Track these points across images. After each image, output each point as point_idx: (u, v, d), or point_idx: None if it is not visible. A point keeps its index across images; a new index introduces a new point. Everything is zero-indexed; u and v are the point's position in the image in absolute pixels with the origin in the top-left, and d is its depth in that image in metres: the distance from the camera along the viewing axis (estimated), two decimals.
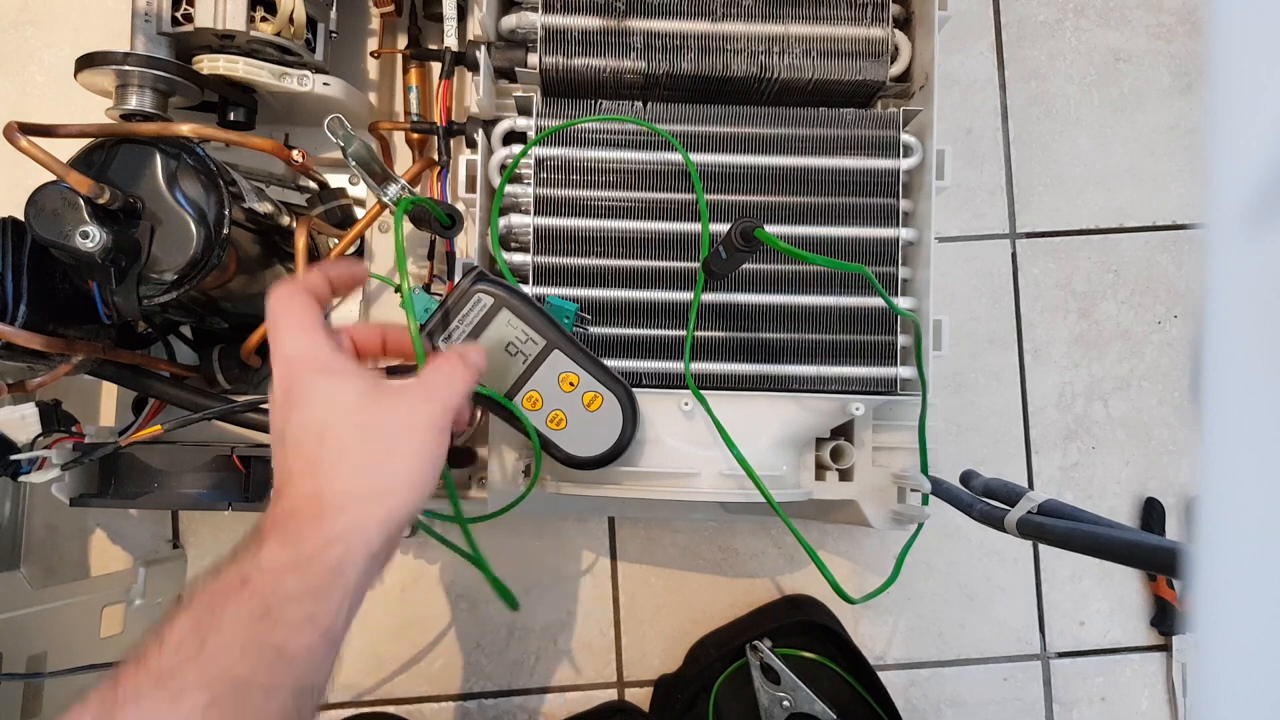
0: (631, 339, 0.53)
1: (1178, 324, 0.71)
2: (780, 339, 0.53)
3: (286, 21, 0.54)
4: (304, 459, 0.34)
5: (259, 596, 0.31)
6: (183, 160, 0.48)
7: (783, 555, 0.69)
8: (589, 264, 0.52)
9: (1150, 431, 0.71)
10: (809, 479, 0.55)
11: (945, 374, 0.70)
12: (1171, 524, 0.70)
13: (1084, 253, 0.72)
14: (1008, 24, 0.73)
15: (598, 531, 0.69)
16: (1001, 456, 0.70)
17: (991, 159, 0.72)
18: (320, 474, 0.34)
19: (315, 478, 0.34)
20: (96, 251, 0.44)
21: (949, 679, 0.69)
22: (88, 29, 0.69)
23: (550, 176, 0.53)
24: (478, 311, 0.47)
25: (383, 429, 0.35)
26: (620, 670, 0.68)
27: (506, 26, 0.54)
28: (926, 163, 0.53)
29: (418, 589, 0.68)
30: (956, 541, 0.69)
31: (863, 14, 0.53)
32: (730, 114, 0.53)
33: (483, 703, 0.68)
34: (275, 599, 0.31)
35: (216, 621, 0.30)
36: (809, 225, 0.53)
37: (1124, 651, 0.70)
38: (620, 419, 0.48)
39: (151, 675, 0.29)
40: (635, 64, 0.53)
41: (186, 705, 0.28)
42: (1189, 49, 0.73)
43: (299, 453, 0.34)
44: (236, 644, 0.30)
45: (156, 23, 0.53)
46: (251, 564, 0.32)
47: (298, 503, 0.33)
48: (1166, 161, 0.72)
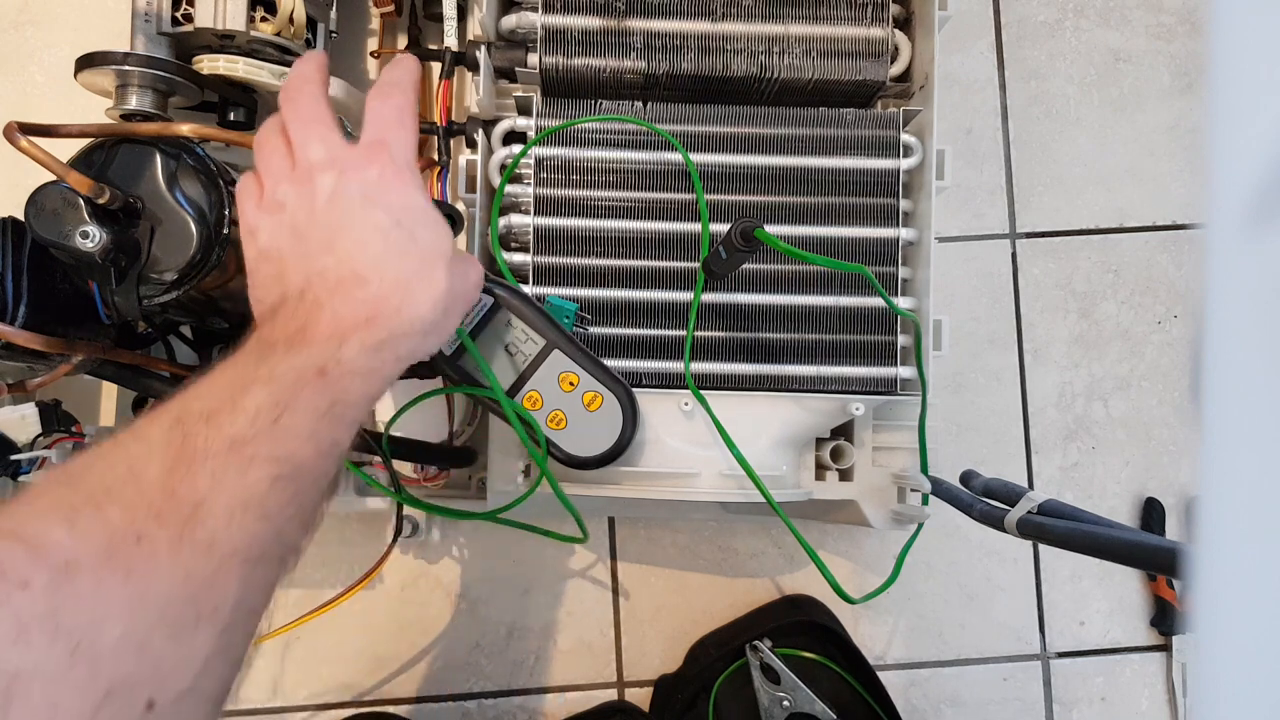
0: (631, 339, 0.53)
1: (1178, 324, 0.71)
2: (780, 339, 0.53)
3: (286, 21, 0.54)
4: (363, 262, 0.35)
5: (331, 391, 0.33)
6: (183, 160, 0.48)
7: (783, 555, 0.69)
8: (589, 264, 0.52)
9: (1150, 431, 0.71)
10: (809, 479, 0.55)
11: (945, 374, 0.70)
12: (1171, 524, 0.69)
13: (1084, 253, 0.72)
14: (1008, 24, 0.73)
15: (598, 531, 0.69)
16: (1001, 456, 0.70)
17: (991, 159, 0.72)
18: (374, 282, 0.35)
19: (371, 285, 0.35)
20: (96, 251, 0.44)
21: (949, 679, 0.69)
22: (88, 29, 0.69)
23: (550, 176, 0.53)
24: (478, 311, 0.47)
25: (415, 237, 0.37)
26: (620, 670, 0.68)
27: (506, 26, 0.54)
28: (926, 163, 0.53)
29: (418, 589, 0.68)
30: (956, 541, 0.69)
31: (863, 14, 0.53)
32: (730, 114, 0.53)
33: (483, 703, 0.68)
34: (342, 398, 0.33)
35: (292, 403, 0.31)
36: (809, 225, 0.53)
37: (1124, 651, 0.70)
38: (620, 419, 0.48)
39: (224, 437, 0.30)
40: (635, 64, 0.53)
41: (254, 475, 0.30)
42: (1189, 49, 0.73)
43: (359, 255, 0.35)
44: (305, 430, 0.31)
45: (156, 23, 0.53)
46: (332, 358, 0.33)
47: (364, 310, 0.34)
48: (1166, 161, 0.72)
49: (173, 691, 0.27)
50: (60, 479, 0.29)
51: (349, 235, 0.36)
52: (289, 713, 0.67)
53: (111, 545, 0.27)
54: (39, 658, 0.24)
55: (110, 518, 0.27)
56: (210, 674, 0.28)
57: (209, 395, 0.31)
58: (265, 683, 0.67)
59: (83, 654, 0.24)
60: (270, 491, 0.30)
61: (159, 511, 0.28)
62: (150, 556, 0.27)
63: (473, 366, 0.47)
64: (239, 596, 0.29)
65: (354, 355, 0.33)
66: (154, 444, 0.29)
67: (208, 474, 0.29)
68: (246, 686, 0.67)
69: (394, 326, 0.35)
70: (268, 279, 0.37)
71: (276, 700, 0.67)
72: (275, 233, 0.37)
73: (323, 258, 0.35)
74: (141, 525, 0.27)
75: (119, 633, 0.26)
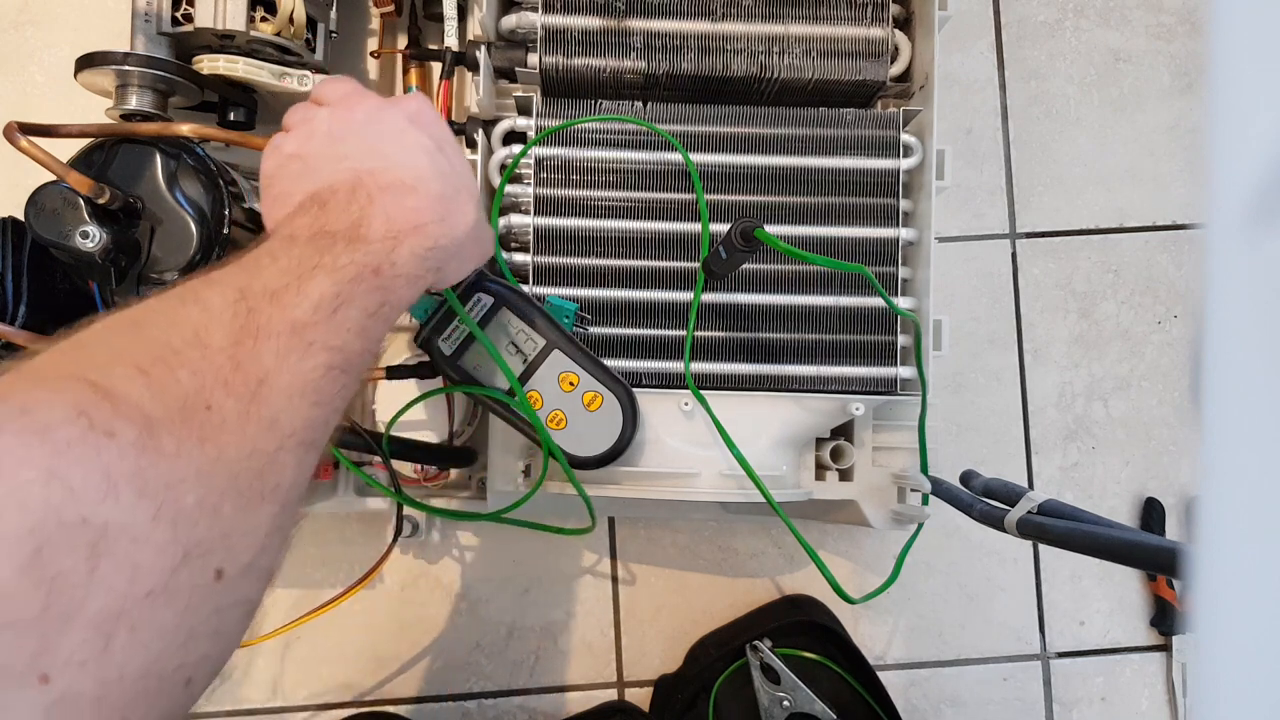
0: (631, 339, 0.53)
1: (1178, 324, 0.71)
2: (780, 339, 0.53)
3: (286, 21, 0.54)
4: (410, 173, 0.36)
5: (382, 292, 0.34)
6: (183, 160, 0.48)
7: (783, 555, 0.69)
8: (589, 264, 0.52)
9: (1150, 431, 0.71)
10: (809, 479, 0.55)
11: (945, 374, 0.70)
12: (1171, 524, 0.70)
13: (1084, 253, 0.72)
14: (1008, 24, 0.73)
15: (598, 531, 0.69)
16: (1001, 456, 0.70)
17: (991, 159, 0.72)
18: (421, 193, 0.36)
19: (419, 194, 0.36)
20: (96, 251, 0.44)
21: (949, 679, 0.69)
22: (88, 29, 0.69)
23: (550, 176, 0.53)
24: (478, 311, 0.47)
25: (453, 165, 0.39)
26: (620, 670, 0.68)
27: (506, 26, 0.54)
28: (926, 163, 0.53)
29: (418, 589, 0.68)
30: (956, 541, 0.69)
31: (863, 14, 0.53)
32: (730, 114, 0.53)
33: (483, 703, 0.68)
34: (389, 299, 0.34)
35: (350, 297, 0.32)
36: (809, 225, 0.53)
37: (1124, 651, 0.70)
38: (620, 419, 0.48)
39: (287, 319, 0.30)
40: (635, 64, 0.53)
41: (312, 362, 0.30)
42: (1189, 49, 0.73)
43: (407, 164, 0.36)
44: (358, 325, 0.32)
45: (156, 23, 0.53)
46: (386, 259, 0.34)
47: (413, 217, 0.35)
48: (1166, 161, 0.72)
49: (238, 564, 0.27)
50: (121, 328, 0.28)
51: (394, 146, 0.37)
52: (289, 713, 0.67)
53: (185, 408, 0.26)
54: (126, 516, 0.23)
55: (181, 380, 0.26)
56: (267, 552, 0.29)
57: (271, 275, 0.31)
58: (265, 683, 0.67)
59: (164, 515, 0.24)
60: (324, 379, 0.31)
61: (226, 381, 0.27)
62: (219, 426, 0.27)
63: (473, 366, 0.47)
64: (294, 479, 0.30)
65: (405, 259, 0.34)
66: (216, 312, 0.29)
67: (271, 353, 0.29)
68: (246, 686, 0.67)
69: (438, 238, 0.36)
70: (294, 175, 0.37)
71: (276, 700, 0.67)
72: (306, 140, 0.37)
73: (368, 160, 0.36)
74: (210, 393, 0.27)
75: (195, 499, 0.25)
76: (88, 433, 0.23)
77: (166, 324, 0.28)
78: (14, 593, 0.21)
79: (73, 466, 0.22)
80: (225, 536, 0.26)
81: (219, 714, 0.67)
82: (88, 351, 0.27)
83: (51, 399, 0.23)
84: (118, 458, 0.23)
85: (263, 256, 0.32)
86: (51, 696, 0.21)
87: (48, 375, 0.25)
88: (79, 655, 0.22)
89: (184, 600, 0.25)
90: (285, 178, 0.37)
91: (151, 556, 0.24)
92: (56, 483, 0.22)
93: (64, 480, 0.22)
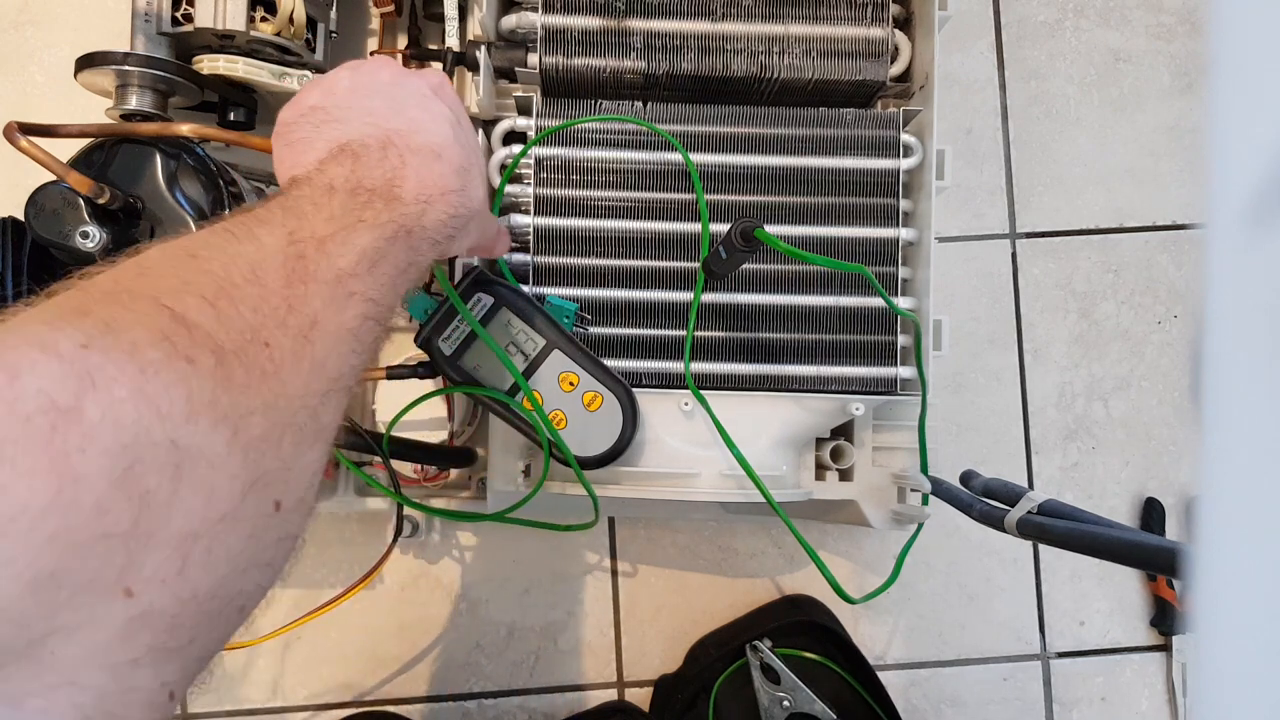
0: (631, 339, 0.53)
1: (1178, 324, 0.71)
2: (780, 339, 0.53)
3: (286, 21, 0.54)
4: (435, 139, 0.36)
5: (412, 251, 0.34)
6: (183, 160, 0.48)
7: (783, 555, 0.69)
8: (589, 264, 0.52)
9: (1150, 431, 0.71)
10: (809, 479, 0.55)
11: (945, 374, 0.70)
12: (1171, 524, 0.69)
13: (1084, 253, 0.72)
14: (1008, 24, 0.73)
15: (598, 531, 0.69)
16: (1001, 456, 0.70)
17: (991, 159, 0.72)
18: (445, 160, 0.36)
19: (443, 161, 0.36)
20: (96, 251, 0.44)
21: (949, 679, 0.69)
22: (88, 29, 0.69)
23: (550, 176, 0.53)
24: (478, 311, 0.47)
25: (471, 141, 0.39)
26: (620, 670, 0.68)
27: (506, 26, 0.54)
28: (926, 163, 0.53)
29: (418, 589, 0.68)
30: (956, 541, 0.69)
31: (863, 14, 0.53)
32: (730, 114, 0.53)
33: (483, 703, 0.68)
34: (416, 260, 0.35)
35: (387, 252, 0.33)
36: (809, 225, 0.53)
37: (1124, 651, 0.70)
38: (620, 419, 0.48)
39: (334, 267, 0.31)
40: (635, 64, 0.53)
41: (353, 310, 0.31)
42: (1189, 49, 0.73)
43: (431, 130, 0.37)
44: (389, 280, 0.33)
45: (156, 23, 0.53)
46: (418, 221, 0.34)
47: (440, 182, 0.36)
48: (1166, 161, 0.72)
49: (293, 498, 0.28)
50: (180, 258, 0.28)
51: (419, 111, 0.37)
52: (289, 713, 0.67)
53: (247, 343, 0.26)
54: (204, 441, 0.23)
55: (244, 315, 0.27)
56: (313, 489, 0.29)
57: (317, 222, 0.31)
58: (265, 683, 0.67)
59: (237, 444, 0.25)
60: (361, 328, 0.31)
61: (283, 321, 0.28)
62: (279, 364, 0.27)
63: (473, 366, 0.47)
64: (335, 422, 0.31)
65: (433, 224, 0.35)
66: (270, 252, 0.29)
67: (319, 298, 0.29)
68: (246, 686, 0.67)
69: (458, 207, 0.36)
70: (317, 124, 0.36)
71: (276, 700, 0.67)
72: (328, 93, 0.37)
73: (394, 120, 0.36)
74: (270, 331, 0.27)
75: (261, 431, 0.26)
76: (172, 356, 0.23)
77: (225, 259, 0.28)
78: (109, 507, 0.21)
79: (160, 389, 0.23)
80: (285, 470, 0.27)
81: (219, 714, 0.67)
82: (154, 277, 0.27)
83: (134, 319, 0.24)
84: (198, 385, 0.24)
85: (304, 202, 0.32)
86: (134, 611, 0.22)
87: (122, 296, 0.25)
88: (160, 573, 0.22)
89: (249, 528, 0.25)
90: (306, 125, 0.36)
91: (225, 483, 0.24)
92: (146, 403, 0.22)
93: (153, 401, 0.22)
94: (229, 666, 0.67)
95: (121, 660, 0.22)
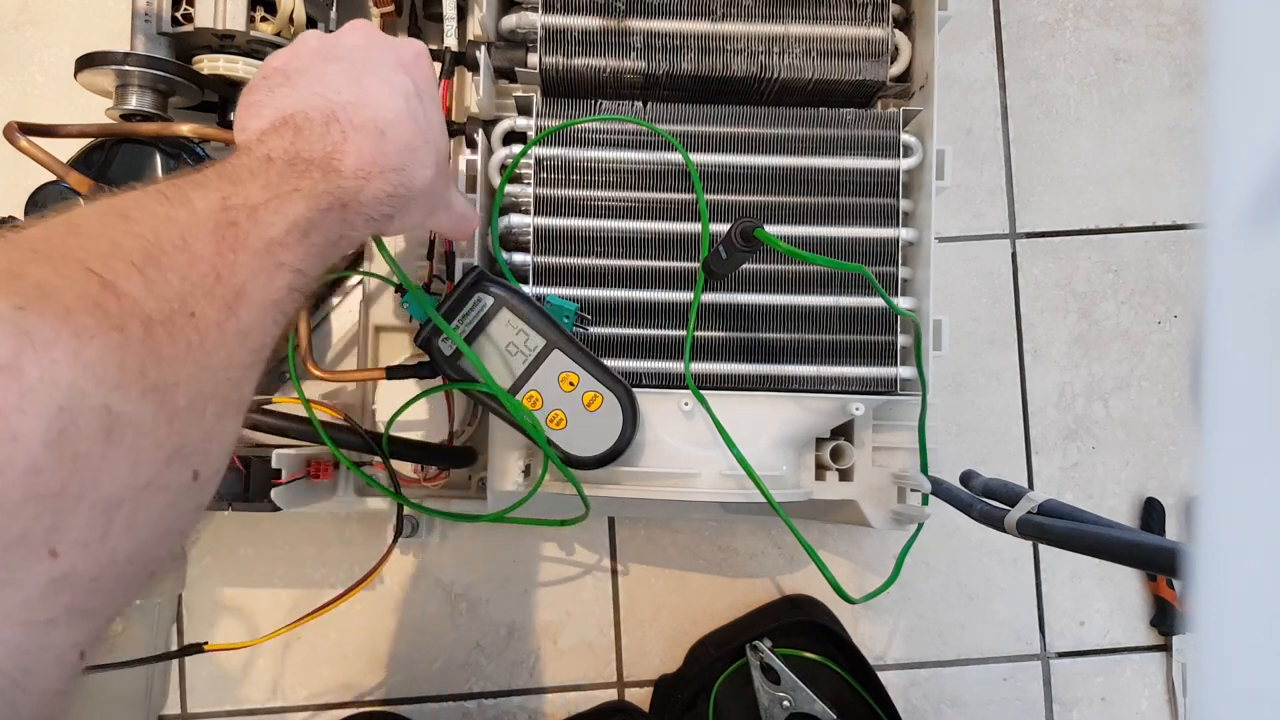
0: (631, 339, 0.53)
1: (1178, 324, 0.71)
2: (780, 339, 0.53)
3: (286, 21, 0.54)
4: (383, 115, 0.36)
5: (345, 225, 0.34)
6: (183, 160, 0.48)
7: (783, 555, 0.69)
8: (589, 264, 0.52)
9: (1150, 431, 0.71)
10: (809, 479, 0.55)
11: (945, 374, 0.70)
12: (1171, 524, 0.70)
13: (1084, 253, 0.72)
14: (1008, 24, 0.73)
15: (598, 531, 0.69)
16: (1001, 456, 0.70)
17: (991, 159, 0.72)
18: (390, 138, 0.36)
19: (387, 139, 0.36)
20: None
21: (949, 679, 0.69)
22: (88, 29, 0.69)
23: (550, 176, 0.53)
24: (478, 311, 0.47)
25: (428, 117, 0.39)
26: (620, 670, 0.68)
27: (506, 26, 0.54)
28: (926, 163, 0.53)
29: (418, 589, 0.68)
30: (956, 541, 0.69)
31: (863, 14, 0.53)
32: (730, 114, 0.53)
33: (483, 703, 0.68)
34: (349, 234, 0.35)
35: (319, 223, 0.33)
36: (809, 225, 0.53)
37: (1124, 651, 0.70)
38: (620, 419, 0.48)
39: (264, 237, 0.31)
40: (635, 64, 0.53)
41: (280, 280, 0.31)
42: (1189, 49, 0.73)
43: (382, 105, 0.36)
44: (319, 251, 0.33)
45: (156, 23, 0.53)
46: (355, 196, 0.34)
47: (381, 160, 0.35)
48: (1166, 161, 0.72)
49: (211, 469, 0.28)
50: (112, 219, 0.28)
51: (374, 82, 0.36)
52: (289, 713, 0.67)
53: (174, 312, 0.26)
54: (133, 408, 0.24)
55: (171, 282, 0.27)
56: (226, 460, 0.29)
57: (252, 189, 0.31)
58: (265, 683, 0.67)
59: (164, 412, 0.25)
60: (287, 298, 0.31)
61: (209, 290, 0.28)
62: (202, 333, 0.27)
63: (471, 366, 0.47)
64: (252, 392, 0.31)
65: (370, 200, 0.35)
66: (202, 218, 0.29)
67: (247, 267, 0.29)
68: (246, 686, 0.67)
69: (398, 185, 0.36)
70: (271, 87, 0.36)
71: (276, 700, 0.67)
72: (293, 55, 0.37)
73: (346, 91, 0.36)
74: (195, 301, 0.27)
75: (186, 401, 0.26)
76: (103, 324, 0.24)
77: (156, 222, 0.28)
78: (41, 468, 0.21)
79: (95, 355, 0.23)
80: (206, 440, 0.27)
81: (219, 714, 0.67)
82: (85, 237, 0.26)
83: (65, 285, 0.24)
84: (128, 354, 0.24)
85: (241, 170, 0.32)
86: (56, 572, 0.22)
87: (53, 257, 0.25)
88: (84, 536, 0.23)
89: (170, 496, 0.26)
90: (263, 87, 0.36)
91: (151, 450, 0.24)
92: (82, 367, 0.22)
93: (88, 366, 0.23)
94: (229, 666, 0.67)
95: (38, 619, 0.22)
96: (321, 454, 0.55)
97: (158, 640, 0.65)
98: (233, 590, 0.67)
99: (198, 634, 0.66)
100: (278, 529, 0.67)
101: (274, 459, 0.49)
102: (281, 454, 0.49)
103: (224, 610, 0.67)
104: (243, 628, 0.67)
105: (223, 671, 0.67)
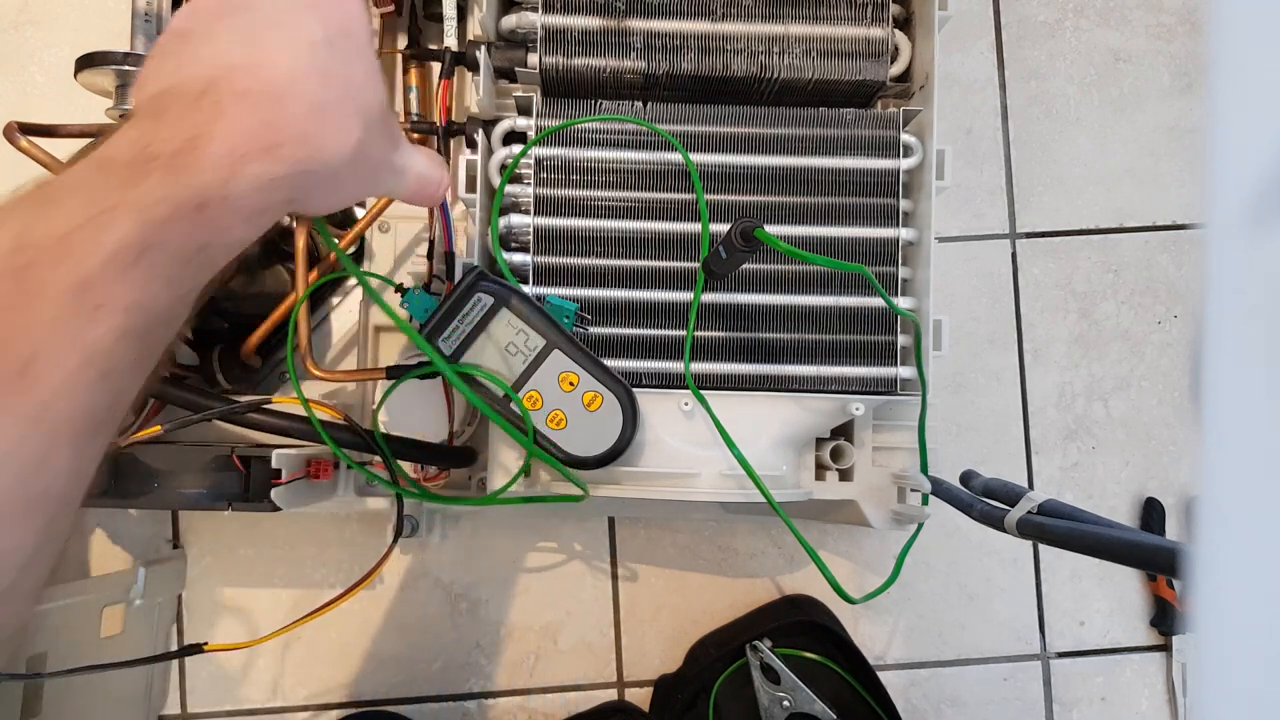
0: (631, 339, 0.53)
1: (1178, 324, 0.71)
2: (780, 339, 0.53)
3: None
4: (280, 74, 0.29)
5: (207, 231, 0.28)
6: None
7: (783, 555, 0.69)
8: (589, 264, 0.52)
9: (1150, 431, 0.71)
10: (809, 479, 0.55)
11: (945, 374, 0.70)
12: (1171, 524, 0.70)
13: (1084, 253, 0.72)
14: (1008, 24, 0.73)
15: (598, 531, 0.69)
16: (1001, 456, 0.70)
17: (991, 159, 0.72)
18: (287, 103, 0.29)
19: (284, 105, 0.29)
20: None
21: (949, 679, 0.69)
22: (88, 29, 0.69)
23: (550, 176, 0.53)
24: (478, 311, 0.47)
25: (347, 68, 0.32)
26: (620, 670, 0.68)
27: (506, 26, 0.54)
28: (926, 163, 0.53)
29: (418, 589, 0.68)
30: (956, 541, 0.69)
31: (863, 14, 0.53)
32: (730, 114, 0.53)
33: (483, 703, 0.68)
34: (217, 239, 0.28)
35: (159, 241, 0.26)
36: (809, 225, 0.53)
37: (1124, 651, 0.70)
38: (620, 419, 0.48)
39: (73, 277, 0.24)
40: (635, 64, 0.53)
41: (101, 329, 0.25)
42: (1189, 49, 0.73)
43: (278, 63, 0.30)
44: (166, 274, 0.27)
45: (156, 23, 0.53)
46: (217, 192, 0.27)
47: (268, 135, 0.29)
48: (1166, 161, 0.72)
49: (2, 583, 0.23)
50: None
51: (275, 33, 0.30)
52: (289, 713, 0.67)
53: None
54: None
55: None
56: (31, 571, 0.24)
57: (62, 215, 0.25)
58: (265, 683, 0.67)
59: None
60: (115, 347, 0.25)
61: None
62: None
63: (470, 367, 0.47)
64: (71, 476, 0.25)
65: (244, 190, 0.28)
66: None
67: (46, 322, 0.24)
68: (246, 686, 0.67)
69: (295, 162, 0.29)
70: (162, 55, 0.30)
71: (276, 700, 0.67)
72: (190, 12, 0.31)
73: (239, 49, 0.29)
74: None
75: None
76: None
77: None
78: None
79: None
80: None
81: (219, 714, 0.67)
82: None
83: None
84: None
85: (61, 188, 0.26)
86: None
87: None
88: None
89: None
90: (155, 55, 0.30)
91: None
92: None
93: None
94: (229, 666, 0.67)
95: None
96: (321, 454, 0.55)
97: (158, 640, 0.65)
98: (232, 590, 0.67)
99: (198, 634, 0.66)
100: (278, 529, 0.67)
101: (274, 459, 0.49)
102: (281, 454, 0.49)
103: (224, 610, 0.67)
104: (242, 628, 0.67)
105: (223, 671, 0.67)
